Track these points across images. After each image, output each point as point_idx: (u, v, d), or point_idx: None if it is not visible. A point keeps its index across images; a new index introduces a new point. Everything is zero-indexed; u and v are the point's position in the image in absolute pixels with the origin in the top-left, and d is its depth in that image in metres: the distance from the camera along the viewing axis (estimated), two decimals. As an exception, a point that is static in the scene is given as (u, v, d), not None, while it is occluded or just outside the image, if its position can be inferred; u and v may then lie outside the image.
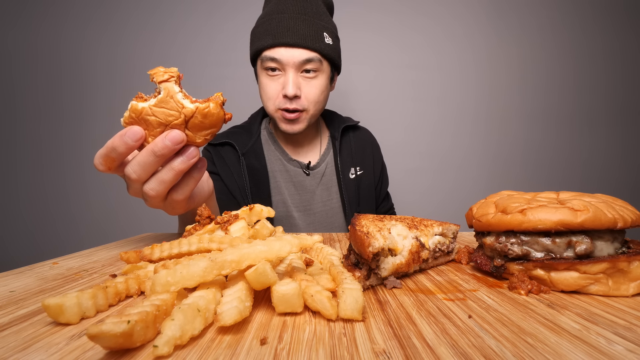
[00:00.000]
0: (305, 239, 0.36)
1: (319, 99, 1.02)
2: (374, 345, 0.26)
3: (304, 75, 0.98)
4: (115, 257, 0.58)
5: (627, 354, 0.24)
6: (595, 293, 0.38)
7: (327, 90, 1.06)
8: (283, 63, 0.95)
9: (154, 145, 0.46)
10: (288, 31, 0.94)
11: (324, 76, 1.02)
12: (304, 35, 0.95)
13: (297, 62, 0.95)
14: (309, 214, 1.11)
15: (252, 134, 1.13)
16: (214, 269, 0.31)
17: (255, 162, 1.07)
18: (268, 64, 0.97)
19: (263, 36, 0.97)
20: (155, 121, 0.46)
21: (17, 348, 0.26)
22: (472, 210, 0.50)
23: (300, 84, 0.98)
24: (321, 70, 1.00)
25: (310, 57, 0.96)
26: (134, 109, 0.46)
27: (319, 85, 1.01)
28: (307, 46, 0.95)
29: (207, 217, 0.52)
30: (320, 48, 0.97)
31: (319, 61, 0.98)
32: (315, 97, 1.00)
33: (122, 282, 0.36)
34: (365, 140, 1.23)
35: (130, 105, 0.46)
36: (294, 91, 0.95)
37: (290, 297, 0.31)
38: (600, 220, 0.37)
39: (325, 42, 0.99)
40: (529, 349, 0.25)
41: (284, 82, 0.97)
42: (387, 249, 0.42)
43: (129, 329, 0.24)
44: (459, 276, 0.46)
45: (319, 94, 1.01)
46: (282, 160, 1.11)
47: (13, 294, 0.39)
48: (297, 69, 0.97)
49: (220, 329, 0.29)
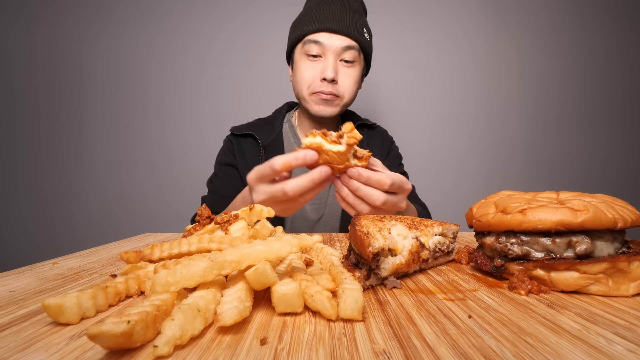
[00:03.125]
0: (305, 239, 0.36)
1: (352, 88, 1.07)
2: (374, 345, 0.26)
3: (342, 64, 1.03)
4: (115, 257, 0.58)
5: (627, 354, 0.24)
6: (595, 293, 0.38)
7: (360, 82, 1.11)
8: (325, 47, 1.00)
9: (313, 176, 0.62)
10: (333, 19, 1.01)
11: (359, 68, 1.07)
12: (348, 24, 1.01)
13: (339, 48, 1.01)
14: (322, 206, 1.14)
15: (275, 128, 1.17)
16: (214, 269, 0.31)
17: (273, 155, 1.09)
18: (310, 47, 1.02)
19: (308, 22, 1.03)
20: (325, 159, 0.61)
21: (17, 348, 0.26)
22: (472, 210, 0.50)
23: (338, 70, 1.03)
24: (358, 62, 1.06)
25: (351, 45, 1.01)
26: (317, 145, 0.59)
27: (354, 75, 1.06)
28: (350, 34, 1.01)
29: (207, 217, 0.52)
30: (360, 39, 1.03)
31: (357, 51, 1.03)
32: (350, 85, 1.05)
33: (122, 282, 0.36)
34: (380, 139, 1.26)
35: (316, 137, 0.60)
36: (333, 74, 1.00)
37: (290, 297, 0.31)
38: (600, 220, 0.37)
39: (364, 36, 1.05)
40: (529, 349, 0.25)
41: (323, 67, 1.02)
42: (387, 249, 0.41)
43: (129, 329, 0.24)
44: (459, 276, 0.46)
45: (353, 84, 1.06)
46: None
47: (13, 294, 0.39)
48: (337, 56, 1.02)
49: (220, 329, 0.29)
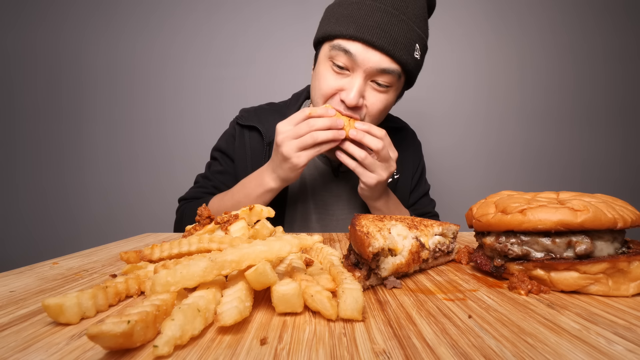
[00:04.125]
0: (305, 239, 0.36)
1: (380, 116, 0.85)
2: (374, 345, 0.26)
3: (372, 86, 0.81)
4: (115, 257, 0.58)
5: (627, 354, 0.24)
6: (595, 293, 0.38)
7: (391, 106, 0.89)
8: (356, 63, 0.77)
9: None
10: (377, 28, 0.75)
11: (394, 92, 0.85)
12: (394, 39, 0.76)
13: (374, 68, 0.77)
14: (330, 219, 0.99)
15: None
16: (214, 269, 0.31)
17: None
18: (338, 56, 0.78)
19: (344, 21, 0.78)
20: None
21: (17, 348, 0.26)
22: (472, 210, 0.50)
23: (365, 92, 0.80)
24: (395, 86, 0.83)
25: (389, 69, 0.78)
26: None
27: (386, 101, 0.83)
28: (393, 55, 0.77)
29: (207, 217, 0.52)
30: (406, 61, 0.79)
31: (397, 76, 0.80)
32: (378, 112, 0.83)
33: (122, 282, 0.36)
34: (407, 145, 1.08)
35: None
36: (355, 101, 0.77)
37: (290, 297, 0.31)
38: (600, 220, 0.37)
39: (414, 56, 0.81)
40: (529, 349, 0.25)
41: (347, 85, 0.79)
42: (387, 249, 0.41)
43: (129, 329, 0.24)
44: (459, 276, 0.46)
45: (382, 110, 0.84)
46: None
47: (13, 294, 0.39)
48: (368, 76, 0.79)
49: (220, 329, 0.29)
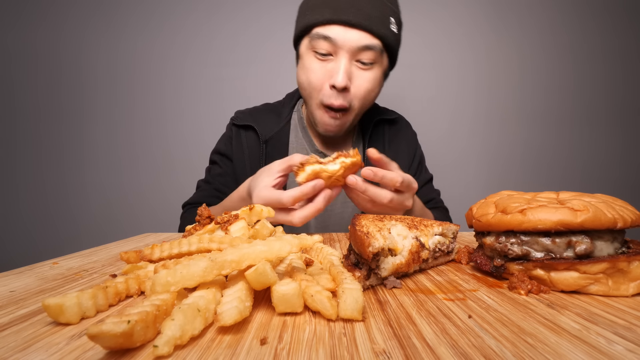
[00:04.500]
0: (305, 239, 0.36)
1: (368, 96, 0.87)
2: (374, 345, 0.26)
3: (357, 65, 0.83)
4: (115, 257, 0.58)
5: (627, 354, 0.24)
6: (595, 293, 0.38)
7: (380, 86, 0.90)
8: (337, 45, 0.79)
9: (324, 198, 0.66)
10: (351, 6, 0.78)
11: (380, 69, 0.87)
12: (369, 14, 0.79)
13: (355, 47, 0.80)
14: (328, 216, 1.00)
15: (281, 118, 1.00)
16: (214, 269, 0.31)
17: (275, 153, 0.97)
18: (319, 44, 0.81)
19: (318, 8, 0.81)
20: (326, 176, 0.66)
21: (17, 348, 0.26)
22: (472, 210, 0.50)
23: (352, 73, 0.82)
24: (379, 62, 0.85)
25: (370, 44, 0.80)
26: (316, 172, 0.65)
27: (373, 79, 0.85)
28: (371, 29, 0.79)
29: (207, 217, 0.52)
30: (384, 35, 0.82)
31: (379, 51, 0.82)
32: (366, 92, 0.85)
33: (122, 282, 0.36)
34: (401, 136, 1.08)
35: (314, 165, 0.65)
36: (344, 82, 0.79)
37: (290, 297, 0.31)
38: (600, 220, 0.37)
39: (391, 29, 0.83)
40: (529, 349, 0.25)
41: (333, 70, 0.81)
42: (387, 249, 0.41)
43: (129, 329, 0.24)
44: (459, 276, 0.46)
45: (371, 90, 0.86)
46: (308, 150, 1.00)
47: (13, 294, 0.39)
48: (352, 56, 0.81)
49: (220, 329, 0.29)
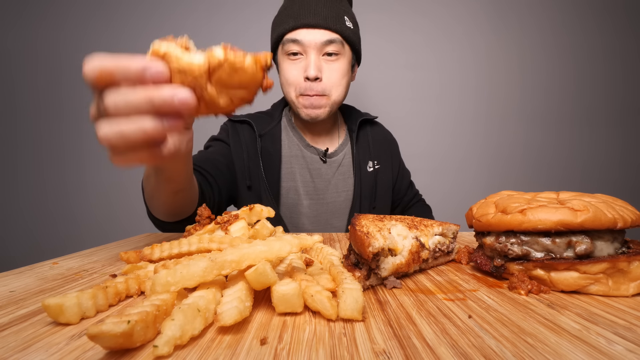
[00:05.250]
0: (305, 239, 0.36)
1: (340, 83, 1.02)
2: (374, 345, 0.26)
3: (325, 59, 0.98)
4: (115, 257, 0.58)
5: (627, 354, 0.24)
6: (595, 293, 0.38)
7: (348, 75, 1.05)
8: (304, 45, 0.96)
9: (157, 94, 0.36)
10: (309, 13, 0.95)
11: (345, 60, 1.01)
12: (325, 16, 0.95)
13: (319, 43, 0.95)
14: (321, 204, 1.11)
15: (274, 119, 1.13)
16: (214, 269, 0.31)
17: (269, 145, 1.08)
18: (289, 47, 0.97)
19: (285, 20, 0.98)
20: (176, 68, 0.37)
21: (17, 348, 0.26)
22: (472, 210, 0.50)
23: (321, 66, 0.98)
24: (343, 54, 1.00)
25: (331, 38, 0.96)
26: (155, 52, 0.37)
27: (340, 69, 1.00)
28: (329, 27, 0.95)
29: (207, 217, 0.52)
30: (341, 30, 0.97)
31: (340, 43, 0.98)
32: (337, 80, 1.00)
33: (122, 282, 0.36)
34: (382, 137, 1.23)
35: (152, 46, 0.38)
36: (315, 72, 0.95)
37: (290, 297, 0.31)
38: (600, 220, 0.37)
39: (347, 25, 0.99)
40: (529, 349, 0.25)
41: (305, 65, 0.97)
42: (387, 249, 0.41)
43: (129, 329, 0.24)
44: (459, 276, 0.46)
45: (340, 78, 1.01)
46: (300, 146, 1.12)
47: (13, 294, 0.39)
48: (319, 51, 0.97)
49: (220, 329, 0.29)
